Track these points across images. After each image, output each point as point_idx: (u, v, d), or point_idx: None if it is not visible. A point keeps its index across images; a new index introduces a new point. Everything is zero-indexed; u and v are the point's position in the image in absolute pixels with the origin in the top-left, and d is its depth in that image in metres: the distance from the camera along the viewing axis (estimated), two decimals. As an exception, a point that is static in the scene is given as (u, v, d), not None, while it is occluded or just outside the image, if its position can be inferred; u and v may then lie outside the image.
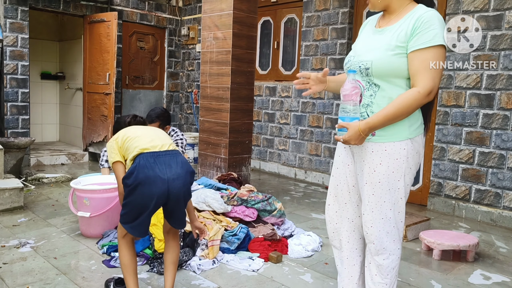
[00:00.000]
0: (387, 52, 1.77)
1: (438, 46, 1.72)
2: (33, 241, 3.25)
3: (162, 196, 2.09)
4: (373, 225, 1.88)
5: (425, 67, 1.72)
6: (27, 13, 5.79)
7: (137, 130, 2.29)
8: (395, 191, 1.85)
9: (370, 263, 1.97)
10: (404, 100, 1.73)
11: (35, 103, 7.50)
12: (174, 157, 2.16)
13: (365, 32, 1.98)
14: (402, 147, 1.81)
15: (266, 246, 3.11)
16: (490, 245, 3.62)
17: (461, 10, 4.30)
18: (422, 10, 1.77)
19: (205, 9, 4.56)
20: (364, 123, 1.75)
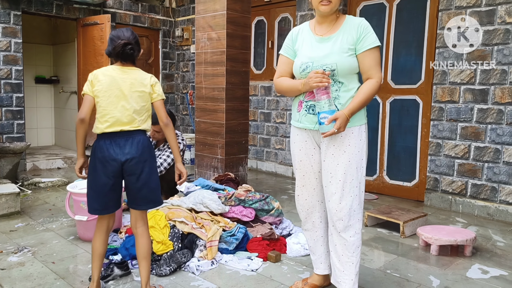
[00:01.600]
0: (343, 54, 2.16)
1: (378, 47, 2.19)
2: (31, 246, 3.24)
3: (112, 176, 2.27)
4: (342, 201, 2.17)
5: (376, 63, 2.17)
6: (19, 17, 5.77)
7: (111, 93, 2.29)
8: (360, 169, 2.21)
9: (336, 245, 2.23)
10: (369, 89, 2.15)
11: (30, 107, 7.47)
12: (129, 139, 2.29)
13: (307, 41, 2.28)
14: (362, 130, 2.22)
15: (265, 246, 3.11)
16: (488, 239, 3.64)
17: (454, 6, 4.32)
18: (356, 19, 2.23)
19: (199, 10, 4.56)
20: (348, 110, 2.10)
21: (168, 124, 2.41)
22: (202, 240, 3.02)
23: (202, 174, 4.65)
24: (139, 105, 2.33)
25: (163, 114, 2.41)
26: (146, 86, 2.36)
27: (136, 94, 2.33)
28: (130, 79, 2.34)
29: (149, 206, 2.40)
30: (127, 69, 2.38)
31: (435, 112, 4.53)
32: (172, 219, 3.17)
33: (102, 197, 2.31)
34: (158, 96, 2.40)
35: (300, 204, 2.43)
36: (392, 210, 3.89)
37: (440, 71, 4.46)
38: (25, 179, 5.25)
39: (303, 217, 2.46)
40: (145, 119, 2.37)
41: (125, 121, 2.29)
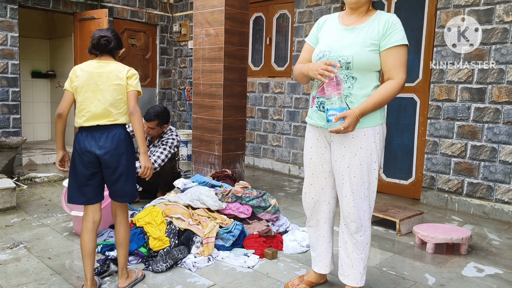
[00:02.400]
0: (364, 48, 2.03)
1: (405, 45, 2.05)
2: (27, 241, 3.23)
3: (89, 166, 2.34)
4: (355, 205, 2.12)
5: (400, 63, 2.03)
6: (16, 11, 5.73)
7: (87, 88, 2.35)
8: (371, 171, 2.12)
9: (346, 242, 2.21)
10: (388, 90, 2.02)
11: (26, 102, 7.44)
12: (105, 132, 2.34)
13: (331, 30, 2.19)
14: (376, 131, 2.10)
15: (261, 243, 3.11)
16: (483, 237, 3.65)
17: (452, 5, 4.32)
18: (387, 14, 2.09)
19: (197, 6, 4.54)
20: (358, 110, 1.98)
21: (133, 113, 2.38)
22: (198, 236, 3.01)
23: (199, 171, 4.65)
24: (115, 98, 2.36)
25: (131, 103, 2.39)
26: (121, 79, 2.38)
27: (112, 87, 2.36)
28: (106, 73, 2.37)
29: (124, 199, 2.44)
30: (104, 63, 2.41)
31: (432, 111, 4.54)
32: (169, 216, 3.17)
33: (80, 187, 2.38)
34: (131, 87, 2.40)
35: (307, 202, 2.39)
36: (388, 208, 3.90)
37: (438, 69, 4.47)
38: (21, 174, 5.23)
39: (308, 215, 2.42)
40: (123, 112, 2.40)
41: (101, 116, 2.34)
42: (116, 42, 2.45)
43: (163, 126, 4.21)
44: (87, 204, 2.42)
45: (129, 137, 2.46)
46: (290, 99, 5.97)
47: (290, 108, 5.97)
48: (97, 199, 2.44)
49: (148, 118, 4.12)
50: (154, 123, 4.12)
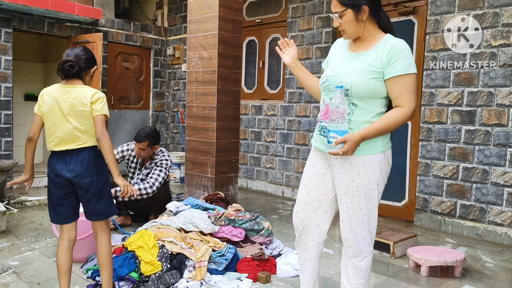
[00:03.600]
0: (365, 76, 1.98)
1: (412, 74, 1.97)
2: (16, 266, 3.17)
3: (62, 188, 2.41)
4: (351, 230, 2.10)
5: (407, 91, 1.95)
6: (10, 34, 5.77)
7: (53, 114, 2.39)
8: (370, 199, 2.07)
9: (346, 265, 2.17)
10: (393, 118, 1.96)
11: (18, 124, 7.40)
12: (75, 156, 2.39)
13: (339, 55, 2.17)
14: (377, 159, 2.03)
15: (255, 266, 3.08)
16: (477, 260, 3.64)
17: (441, 30, 4.42)
18: (393, 40, 2.01)
19: (191, 30, 4.60)
20: (359, 135, 1.93)
21: (100, 138, 2.38)
22: (191, 260, 2.98)
23: (192, 193, 4.62)
24: (82, 124, 2.39)
25: (98, 128, 2.39)
26: (85, 105, 2.38)
27: (77, 113, 2.38)
28: (71, 98, 2.39)
29: (99, 217, 2.48)
30: (69, 88, 2.42)
31: (424, 133, 4.59)
32: (161, 239, 3.13)
33: (55, 206, 2.46)
34: (96, 112, 2.38)
35: (297, 221, 2.31)
36: (382, 230, 3.89)
37: (428, 92, 4.53)
38: (12, 197, 5.16)
39: (297, 234, 2.34)
40: (91, 136, 2.42)
41: (69, 140, 2.39)
42: (84, 63, 2.45)
43: (154, 147, 4.20)
44: (63, 224, 2.48)
45: (100, 158, 2.47)
46: (283, 121, 6.00)
47: (283, 130, 6.00)
48: (72, 219, 2.50)
49: (138, 139, 4.11)
50: (144, 144, 4.11)
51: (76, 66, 2.40)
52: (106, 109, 2.42)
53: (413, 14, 4.74)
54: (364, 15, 2.00)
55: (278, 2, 6.10)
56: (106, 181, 2.48)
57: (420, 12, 4.69)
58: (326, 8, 5.43)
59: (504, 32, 4.05)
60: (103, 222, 2.50)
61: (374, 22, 2.06)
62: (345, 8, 2.00)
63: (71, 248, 2.49)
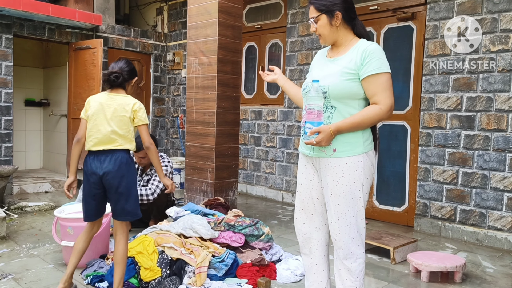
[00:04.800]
0: (340, 78, 2.07)
1: (385, 73, 2.05)
2: (15, 272, 3.16)
3: (94, 186, 2.62)
4: (340, 232, 2.12)
5: (382, 89, 2.04)
6: (11, 41, 5.79)
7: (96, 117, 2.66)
8: (357, 200, 2.10)
9: (340, 269, 2.19)
10: (368, 113, 2.04)
11: (18, 130, 7.42)
12: (109, 155, 2.61)
13: (319, 63, 2.27)
14: (359, 160, 2.09)
15: (254, 272, 3.08)
16: (477, 265, 3.64)
17: (439, 35, 4.43)
18: (366, 43, 2.11)
19: (190, 35, 4.62)
20: (334, 126, 2.02)
21: (149, 147, 2.72)
22: (191, 266, 2.97)
23: (192, 199, 4.62)
24: (121, 128, 2.64)
25: (145, 138, 2.72)
26: (127, 111, 2.66)
27: (118, 118, 2.64)
28: (114, 105, 2.67)
29: (127, 218, 2.67)
30: (114, 95, 2.72)
31: (423, 138, 4.59)
32: (161, 245, 3.13)
33: (87, 205, 2.69)
34: (139, 121, 2.69)
35: (298, 227, 2.35)
36: (382, 236, 3.89)
37: (427, 97, 4.55)
38: (12, 203, 5.16)
39: (300, 241, 2.37)
40: (127, 139, 2.67)
41: (106, 141, 2.62)
42: (127, 75, 2.79)
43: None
44: (91, 220, 2.74)
45: (131, 161, 2.70)
46: (282, 127, 6.01)
47: (283, 135, 6.01)
48: (99, 216, 2.77)
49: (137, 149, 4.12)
50: (143, 152, 4.12)
51: (120, 77, 2.73)
52: (147, 118, 2.74)
53: (412, 20, 4.76)
54: (338, 20, 2.12)
55: (277, 8, 6.12)
56: (135, 183, 2.68)
57: (419, 18, 4.71)
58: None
59: (502, 38, 4.06)
60: (124, 224, 2.68)
61: (348, 28, 2.17)
62: (320, 13, 2.13)
63: (91, 236, 2.78)
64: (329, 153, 2.08)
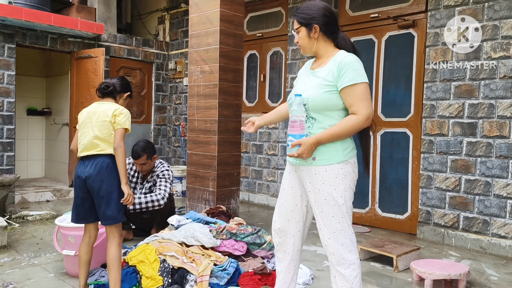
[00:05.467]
0: (319, 90, 2.16)
1: (361, 83, 2.11)
2: (16, 281, 3.15)
3: (81, 190, 2.74)
4: (330, 237, 2.17)
5: (359, 99, 2.10)
6: (14, 50, 5.82)
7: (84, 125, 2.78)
8: (339, 206, 2.16)
9: (335, 276, 2.22)
10: (346, 124, 2.11)
11: (20, 139, 7.44)
12: (92, 160, 2.72)
13: (303, 75, 2.38)
14: (339, 167, 2.16)
15: (257, 281, 3.05)
16: (481, 273, 3.61)
17: (441, 43, 4.44)
18: (342, 55, 2.18)
19: (192, 44, 4.64)
20: (314, 138, 2.10)
21: (117, 148, 2.71)
22: (192, 275, 2.96)
23: (193, 207, 4.61)
24: (102, 133, 2.73)
25: (116, 139, 2.73)
26: (108, 116, 2.74)
27: (100, 123, 2.74)
28: (99, 111, 2.78)
29: (107, 222, 2.71)
30: (101, 104, 2.84)
31: (425, 145, 4.58)
32: (163, 253, 3.12)
33: (75, 207, 2.81)
34: (117, 125, 2.74)
35: (275, 230, 2.46)
36: (385, 244, 3.86)
37: (429, 104, 4.54)
38: (13, 212, 5.16)
39: (275, 244, 2.48)
40: (111, 144, 2.74)
41: (90, 147, 2.74)
42: (119, 87, 2.91)
43: (153, 158, 4.25)
44: (81, 223, 2.84)
45: (114, 166, 2.74)
46: (284, 134, 6.01)
47: (285, 143, 6.00)
48: (88, 220, 2.82)
49: (136, 156, 4.13)
50: (143, 158, 4.15)
51: (111, 87, 2.86)
52: (128, 123, 2.78)
53: (413, 27, 4.78)
54: (316, 33, 2.22)
55: (278, 16, 6.15)
56: (116, 188, 2.71)
57: (420, 25, 4.73)
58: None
59: (504, 44, 4.07)
60: (113, 227, 2.73)
61: (328, 41, 2.26)
62: (300, 25, 2.26)
63: (91, 244, 2.85)
64: (309, 161, 2.17)
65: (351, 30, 5.33)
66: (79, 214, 2.80)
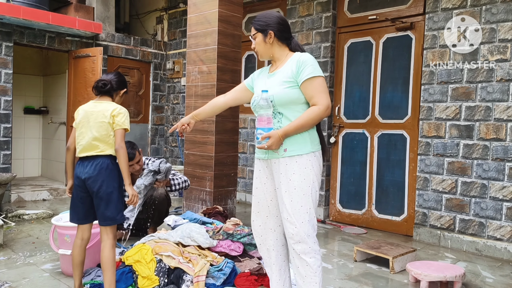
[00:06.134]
0: (281, 87, 2.33)
1: (318, 76, 2.31)
2: (12, 280, 3.14)
3: (80, 190, 2.72)
4: (297, 226, 2.27)
5: (318, 91, 2.29)
6: (11, 48, 5.81)
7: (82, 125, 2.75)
8: (308, 196, 2.29)
9: (298, 267, 2.31)
10: (309, 114, 2.28)
11: (17, 138, 7.41)
12: (92, 161, 2.70)
13: (261, 79, 2.53)
14: (308, 159, 2.31)
15: (253, 281, 3.05)
16: (477, 275, 3.62)
17: (438, 45, 4.46)
18: (299, 54, 2.39)
19: (190, 44, 4.64)
20: (282, 131, 2.25)
21: (118, 149, 2.71)
22: (189, 275, 2.95)
23: (190, 207, 4.61)
24: (100, 133, 2.70)
25: (117, 140, 2.73)
26: (106, 117, 2.71)
27: (98, 124, 2.71)
28: (96, 111, 2.75)
29: (106, 222, 2.70)
30: (98, 103, 2.80)
31: (422, 147, 4.59)
32: (159, 253, 3.11)
33: (74, 207, 2.78)
34: (116, 126, 2.73)
35: (255, 229, 2.53)
36: (381, 245, 3.87)
37: (426, 106, 4.56)
38: (9, 211, 5.14)
39: (258, 243, 2.55)
40: (109, 145, 2.72)
41: (89, 148, 2.71)
42: (116, 84, 2.86)
43: (140, 151, 4.20)
44: (78, 224, 2.80)
45: (114, 166, 2.74)
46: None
47: (282, 144, 5.99)
48: (86, 221, 2.80)
49: (132, 156, 4.07)
50: (139, 157, 4.10)
51: (108, 85, 2.80)
52: (127, 123, 2.77)
53: (411, 30, 4.79)
54: (271, 39, 2.40)
55: (277, 17, 6.15)
56: (116, 189, 2.71)
57: (418, 28, 4.74)
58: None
59: (501, 48, 4.09)
60: (108, 228, 2.71)
61: (283, 46, 2.45)
62: (256, 32, 2.45)
63: (84, 246, 2.81)
64: (281, 153, 2.29)
65: (349, 31, 5.34)
66: (79, 214, 2.78)
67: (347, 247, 4.27)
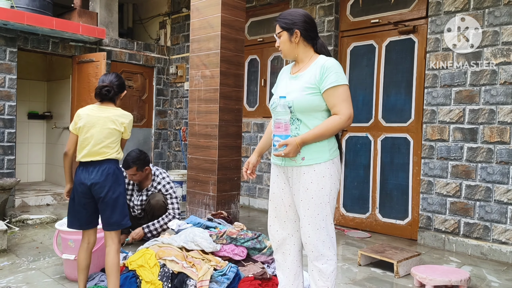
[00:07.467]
0: (302, 93, 2.25)
1: (342, 85, 2.22)
2: (16, 285, 3.14)
3: (84, 196, 2.71)
4: (310, 235, 2.25)
5: (341, 100, 2.21)
6: (15, 54, 5.84)
7: (87, 130, 2.73)
8: (325, 204, 2.25)
9: (312, 270, 2.31)
10: (329, 123, 2.21)
11: (21, 143, 7.44)
12: (97, 166, 2.70)
13: (283, 80, 2.45)
14: (326, 167, 2.25)
15: (256, 286, 3.04)
16: (482, 279, 3.59)
17: (441, 48, 4.45)
18: (324, 59, 2.29)
19: (193, 49, 4.65)
20: (299, 138, 2.18)
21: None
22: (192, 279, 2.95)
23: (194, 211, 4.60)
24: (109, 139, 2.73)
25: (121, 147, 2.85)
26: (116, 125, 2.76)
27: (107, 130, 2.73)
28: (103, 117, 2.75)
29: (112, 227, 2.72)
30: (104, 108, 2.81)
31: (426, 150, 4.58)
32: (163, 258, 3.11)
33: (75, 213, 2.77)
34: (126, 135, 2.83)
35: (272, 234, 2.49)
36: (385, 249, 3.85)
37: (430, 110, 4.54)
38: (13, 216, 5.15)
39: (274, 247, 2.51)
40: (115, 151, 2.76)
41: (95, 153, 2.71)
42: (117, 88, 2.85)
43: (145, 170, 4.17)
44: (81, 229, 2.81)
45: (119, 171, 2.77)
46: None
47: (285, 148, 5.99)
48: (90, 226, 2.82)
49: (126, 166, 4.06)
50: (133, 169, 4.07)
51: (112, 91, 2.80)
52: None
53: (414, 33, 4.79)
54: (297, 38, 2.31)
55: (279, 21, 6.16)
56: (121, 194, 2.74)
57: (420, 31, 4.74)
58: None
59: (504, 50, 4.07)
60: (113, 233, 2.73)
61: (309, 46, 2.36)
62: (282, 30, 2.35)
63: (90, 250, 2.84)
64: (298, 161, 2.23)
65: (352, 35, 5.35)
66: (81, 220, 2.77)
67: (351, 251, 4.25)
